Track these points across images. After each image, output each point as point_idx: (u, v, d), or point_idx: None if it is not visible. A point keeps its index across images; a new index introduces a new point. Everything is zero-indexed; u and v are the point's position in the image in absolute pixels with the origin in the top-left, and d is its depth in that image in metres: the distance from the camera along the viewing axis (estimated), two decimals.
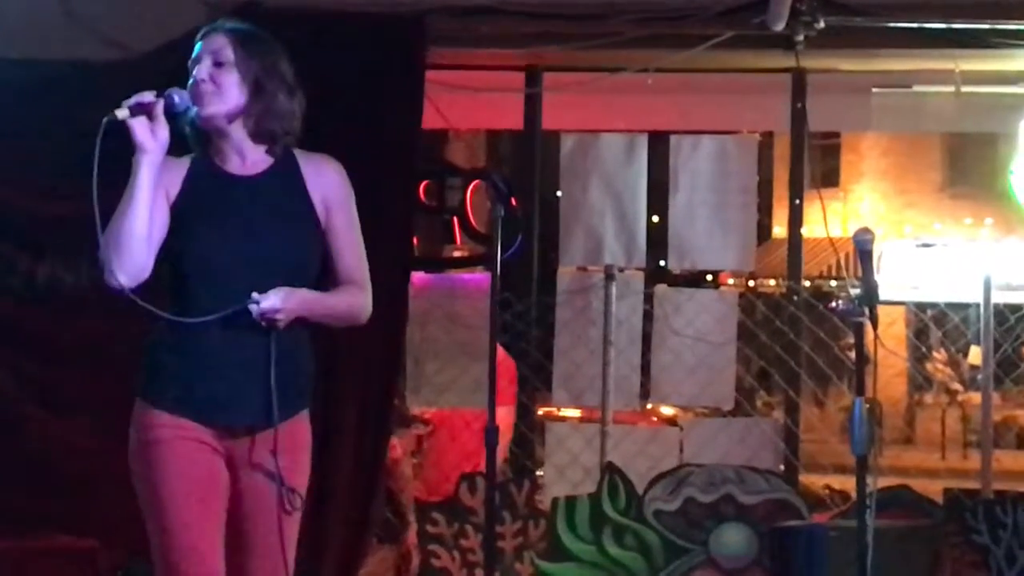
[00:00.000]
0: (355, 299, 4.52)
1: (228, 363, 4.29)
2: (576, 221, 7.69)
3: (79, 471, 6.16)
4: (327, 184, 4.49)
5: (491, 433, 4.85)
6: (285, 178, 4.47)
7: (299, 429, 4.45)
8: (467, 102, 7.69)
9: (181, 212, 4.37)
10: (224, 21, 4.54)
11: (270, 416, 4.29)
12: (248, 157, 4.44)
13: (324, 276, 4.46)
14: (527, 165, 8.12)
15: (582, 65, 7.63)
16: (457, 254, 8.44)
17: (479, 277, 7.71)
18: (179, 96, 4.32)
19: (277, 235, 4.38)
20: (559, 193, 7.82)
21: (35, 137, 6.60)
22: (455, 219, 8.07)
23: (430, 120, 7.24)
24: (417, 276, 7.42)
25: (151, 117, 4.26)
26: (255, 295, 4.19)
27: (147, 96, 4.26)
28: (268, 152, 4.45)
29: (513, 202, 5.08)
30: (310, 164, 4.51)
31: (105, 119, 4.19)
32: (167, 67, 5.17)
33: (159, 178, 4.33)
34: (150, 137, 4.25)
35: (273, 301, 4.21)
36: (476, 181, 8.01)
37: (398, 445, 7.39)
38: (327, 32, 6.92)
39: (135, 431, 4.35)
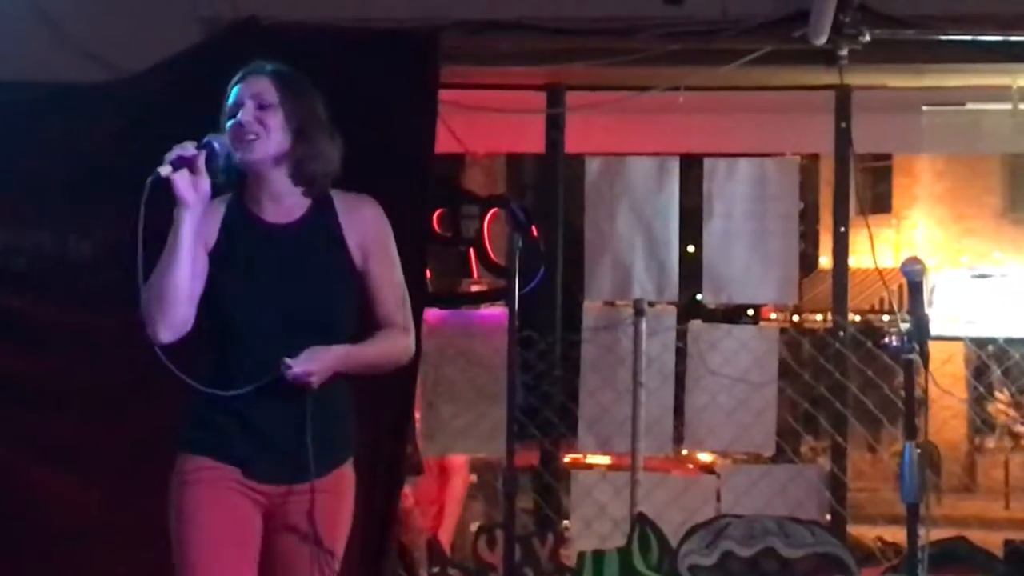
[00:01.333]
0: (395, 344, 4.69)
1: (265, 421, 4.49)
2: (603, 252, 7.70)
3: (73, 529, 6.17)
4: (363, 227, 4.66)
5: (511, 482, 4.86)
6: (320, 225, 4.63)
7: (341, 477, 4.64)
8: (484, 124, 7.70)
9: (217, 261, 4.54)
10: (264, 63, 4.70)
11: (307, 473, 4.45)
12: (284, 202, 4.60)
13: (362, 320, 4.62)
14: (549, 191, 8.13)
15: (608, 83, 7.64)
16: (474, 288, 8.46)
17: (498, 313, 7.71)
18: (219, 143, 4.48)
19: (311, 289, 4.55)
20: (584, 222, 7.81)
21: (21, 160, 6.64)
22: (472, 250, 8.09)
23: (444, 144, 7.25)
24: (431, 312, 7.42)
25: (193, 170, 4.40)
26: (287, 360, 4.35)
27: (189, 149, 4.41)
28: (305, 194, 4.61)
29: (534, 232, 5.13)
30: (346, 206, 4.69)
31: (150, 179, 4.33)
32: (160, 86, 5.22)
33: (199, 229, 4.49)
34: (192, 191, 4.41)
35: (305, 365, 4.39)
36: (494, 209, 8.04)
37: (410, 494, 7.40)
38: (330, 49, 6.92)
39: (174, 479, 4.54)
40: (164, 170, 4.37)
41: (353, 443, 4.73)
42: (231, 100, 4.61)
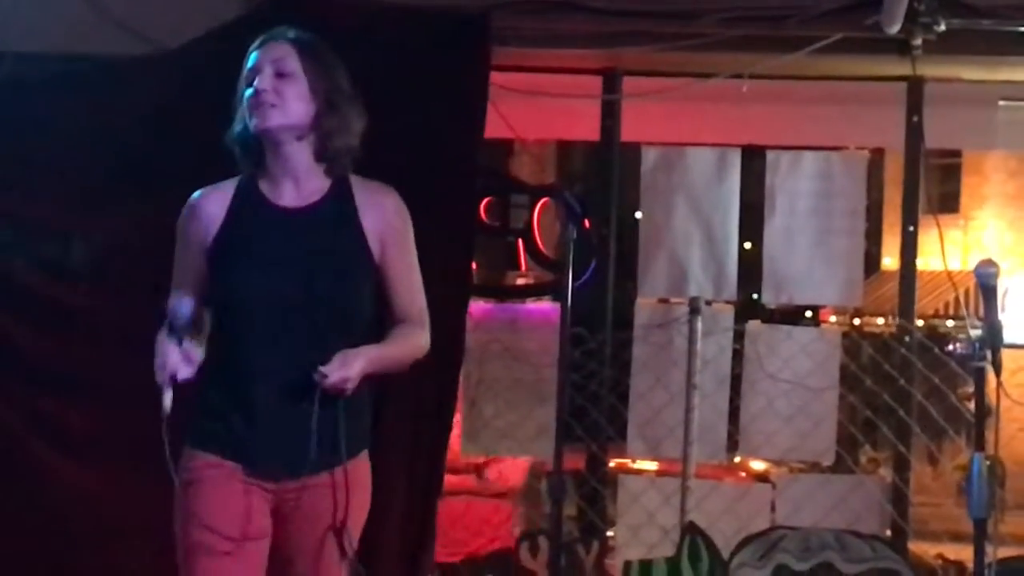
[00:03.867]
0: (413, 340, 4.68)
1: (281, 415, 4.42)
2: (658, 246, 7.70)
3: (101, 523, 6.20)
4: (383, 217, 4.59)
5: (558, 486, 4.87)
6: (337, 212, 4.57)
7: (359, 467, 4.61)
8: (536, 109, 7.68)
9: (223, 249, 4.49)
10: (286, 29, 4.64)
11: (326, 463, 4.44)
12: (303, 184, 4.55)
13: (379, 308, 4.59)
14: (603, 181, 8.14)
15: (667, 69, 7.63)
16: (522, 281, 8.47)
17: (546, 308, 7.73)
18: (247, 108, 4.46)
19: (327, 278, 4.48)
20: (639, 214, 7.82)
21: (61, 140, 6.68)
22: (520, 241, 8.11)
23: (494, 129, 7.22)
24: (476, 306, 7.43)
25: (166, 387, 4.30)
26: (322, 369, 4.28)
27: (166, 395, 4.29)
28: (327, 172, 4.56)
29: (586, 223, 5.12)
30: (365, 194, 4.62)
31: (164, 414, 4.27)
32: (198, 61, 5.24)
33: (198, 234, 4.50)
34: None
35: (341, 373, 4.33)
36: (545, 199, 8.06)
37: None
38: (377, 27, 6.93)
39: (180, 474, 4.46)
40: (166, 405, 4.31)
41: (369, 437, 4.71)
42: (249, 66, 4.56)
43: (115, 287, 6.35)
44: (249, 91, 4.49)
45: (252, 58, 4.55)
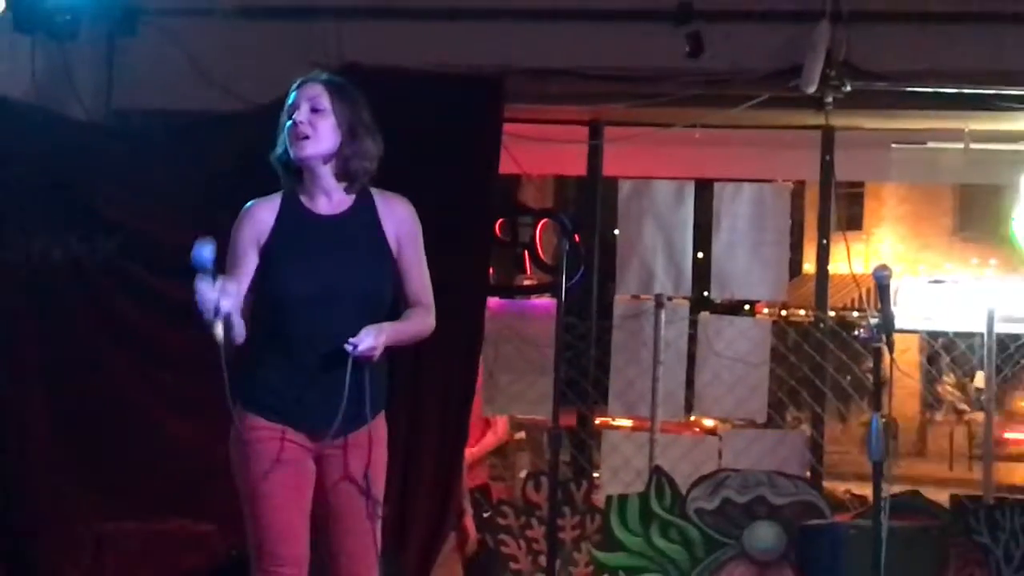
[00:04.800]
0: (424, 320, 4.52)
1: (322, 386, 4.29)
2: (631, 255, 7.67)
3: (198, 465, 6.19)
4: (400, 221, 4.49)
5: (556, 439, 4.87)
6: (364, 216, 4.47)
7: (380, 425, 4.46)
8: (538, 151, 7.68)
9: (274, 250, 4.39)
10: (319, 73, 4.56)
11: (360, 422, 4.33)
12: (333, 197, 4.45)
13: (396, 296, 4.49)
14: (589, 206, 8.13)
15: (639, 120, 7.61)
16: (527, 282, 8.44)
17: (546, 303, 7.71)
18: (287, 138, 4.35)
19: (358, 268, 4.40)
20: (616, 231, 7.79)
21: (168, 177, 6.66)
22: (526, 252, 8.07)
23: (505, 166, 7.21)
24: (492, 301, 7.39)
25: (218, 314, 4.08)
26: (352, 340, 4.18)
27: (217, 327, 4.10)
28: (347, 190, 4.45)
29: (577, 238, 5.10)
30: (385, 202, 4.51)
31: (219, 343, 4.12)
32: (277, 114, 5.21)
33: (252, 233, 4.40)
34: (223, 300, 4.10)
35: (369, 342, 4.21)
36: (545, 220, 8.03)
37: None
38: (419, 89, 6.92)
39: (235, 430, 4.36)
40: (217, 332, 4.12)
41: (386, 399, 4.52)
42: (289, 102, 4.46)
43: None
44: (289, 123, 4.40)
45: (292, 96, 4.47)
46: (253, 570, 4.39)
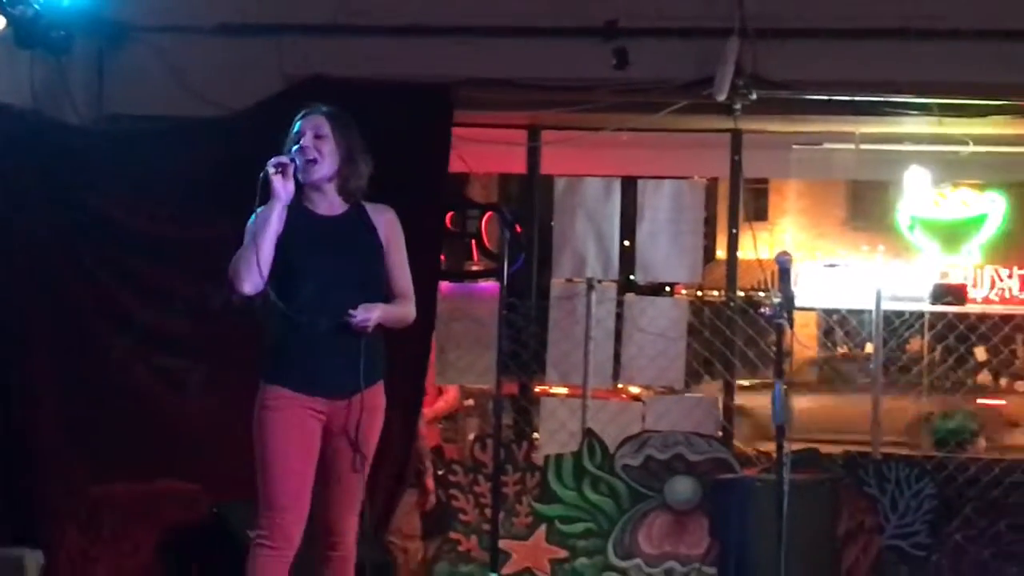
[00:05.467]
0: (408, 308, 4.78)
1: (330, 352, 4.52)
2: (565, 244, 7.67)
3: (191, 438, 6.14)
4: (388, 225, 4.73)
5: (499, 405, 4.86)
6: (358, 219, 4.69)
7: (378, 392, 4.68)
8: (483, 152, 7.67)
9: (287, 245, 4.55)
10: (321, 105, 4.74)
11: (359, 385, 4.53)
12: (333, 203, 4.67)
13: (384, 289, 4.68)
14: (528, 201, 8.15)
15: (572, 125, 7.62)
16: (474, 268, 8.45)
17: (491, 286, 7.70)
18: (299, 159, 4.55)
19: (355, 258, 4.62)
20: (552, 223, 7.80)
21: (153, 175, 6.59)
22: (473, 241, 8.09)
23: (454, 165, 7.21)
24: (444, 285, 7.38)
25: (284, 175, 4.47)
26: (351, 311, 4.45)
27: (285, 158, 4.49)
28: (344, 200, 4.67)
29: (517, 229, 5.11)
30: (374, 210, 4.74)
31: (261, 175, 4.41)
32: (255, 123, 5.21)
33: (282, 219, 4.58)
34: (283, 189, 4.48)
35: (365, 315, 4.47)
36: (489, 213, 8.04)
37: None
38: (377, 97, 6.86)
39: (259, 402, 4.55)
40: (270, 170, 4.44)
41: (383, 372, 4.72)
42: (295, 130, 4.64)
43: (196, 274, 6.30)
44: (296, 147, 4.56)
45: (298, 125, 4.65)
46: (260, 516, 4.57)
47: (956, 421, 8.57)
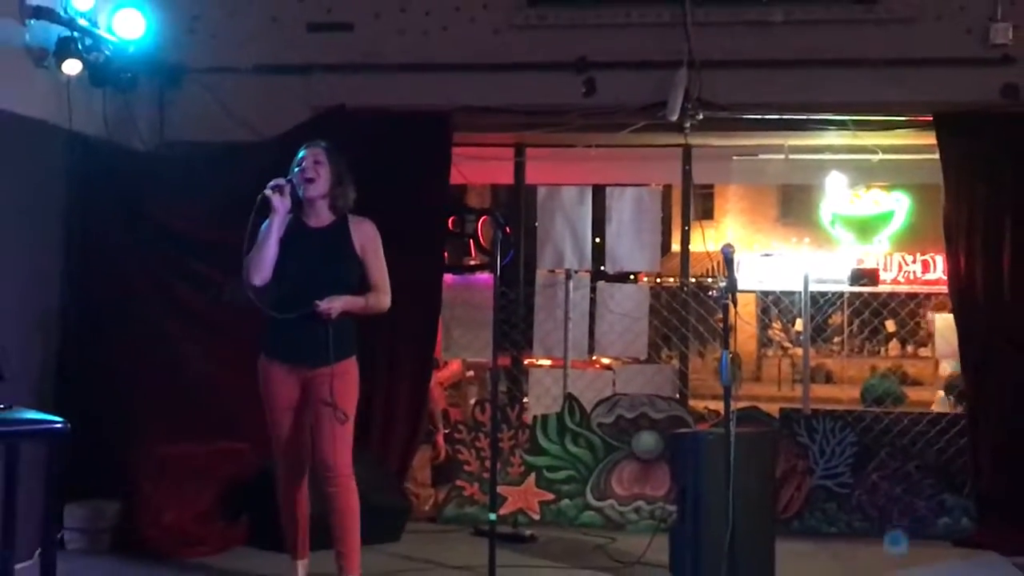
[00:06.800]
0: (379, 298, 5.05)
1: (304, 334, 4.86)
2: (548, 241, 7.67)
3: (235, 403, 6.14)
4: (364, 236, 5.04)
5: (494, 374, 4.85)
6: (340, 231, 5.02)
7: (349, 367, 4.96)
8: (478, 166, 7.66)
9: (284, 246, 4.92)
10: (319, 140, 5.09)
11: (327, 360, 4.83)
12: (322, 217, 5.01)
13: (363, 285, 5.00)
14: (516, 206, 8.11)
15: (551, 143, 7.61)
16: (472, 263, 8.44)
17: (486, 277, 7.71)
18: (296, 179, 4.92)
19: (332, 263, 4.94)
20: (536, 224, 7.79)
21: (206, 190, 6.58)
22: (471, 240, 8.11)
23: (455, 178, 7.21)
24: (447, 277, 7.38)
25: (282, 193, 4.86)
26: (317, 302, 4.79)
27: (282, 180, 4.88)
28: (333, 214, 5.01)
29: (508, 230, 5.09)
30: (355, 223, 5.06)
31: (260, 196, 4.81)
32: (286, 148, 5.20)
33: (281, 229, 4.92)
34: (281, 205, 4.87)
35: (326, 304, 4.82)
36: (484, 217, 8.05)
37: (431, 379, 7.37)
38: (389, 124, 6.90)
39: (259, 368, 5.01)
40: (268, 192, 4.81)
41: (355, 349, 4.98)
42: (299, 156, 5.00)
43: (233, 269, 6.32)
44: (297, 169, 4.97)
45: (302, 152, 5.03)
46: (272, 448, 5.08)
47: (886, 385, 8.57)
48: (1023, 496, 6.53)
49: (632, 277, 9.58)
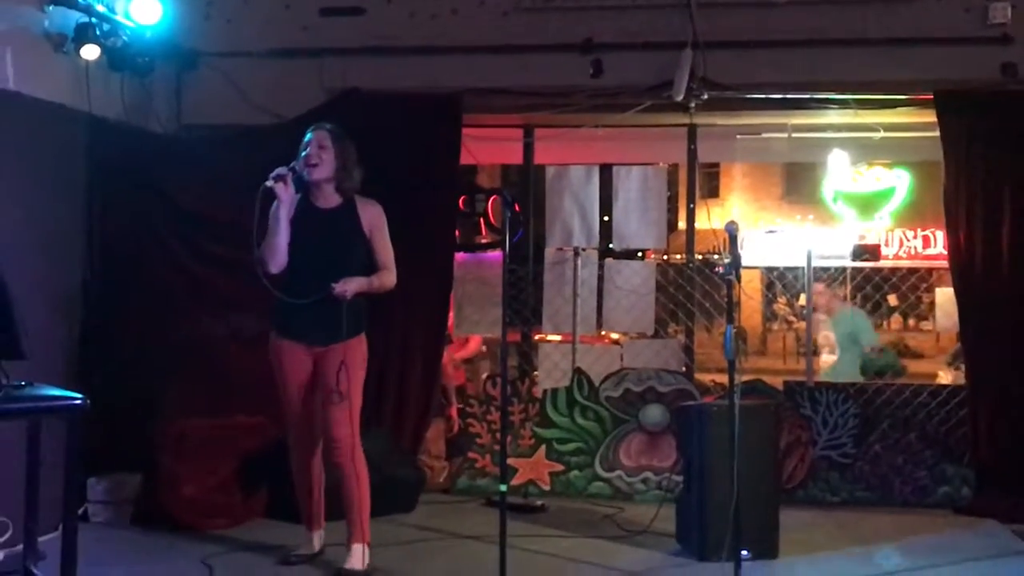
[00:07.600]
0: (386, 278, 5.11)
1: (318, 314, 4.91)
2: (556, 219, 7.64)
3: (253, 379, 6.15)
4: (371, 217, 5.08)
5: (504, 349, 4.84)
6: (348, 212, 5.06)
7: (359, 343, 5.03)
8: (488, 147, 7.61)
9: (295, 227, 4.97)
10: (324, 123, 5.11)
11: (339, 337, 4.92)
12: (330, 199, 5.05)
13: (370, 264, 5.06)
14: (525, 186, 8.09)
15: (559, 123, 7.55)
16: (483, 241, 8.42)
17: (496, 255, 7.70)
18: (298, 167, 4.96)
19: (341, 244, 4.98)
20: (545, 203, 7.76)
21: (222, 171, 6.56)
22: (481, 219, 8.08)
23: (465, 158, 7.16)
24: (459, 255, 7.36)
25: (285, 183, 4.89)
26: (333, 284, 4.84)
27: (283, 169, 4.89)
28: (340, 196, 5.05)
29: (517, 208, 5.14)
30: (363, 204, 5.10)
31: (262, 186, 4.83)
32: (302, 131, 5.18)
33: (289, 214, 4.97)
34: (285, 194, 4.91)
35: (343, 286, 4.88)
36: (494, 196, 8.03)
37: (446, 354, 7.38)
38: (401, 106, 6.87)
39: (270, 346, 5.06)
40: (269, 183, 4.83)
41: (364, 325, 5.04)
42: (305, 140, 5.02)
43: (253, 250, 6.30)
44: (304, 153, 5.00)
45: (307, 136, 5.05)
46: (284, 423, 5.19)
47: (886, 359, 8.55)
48: (1021, 465, 6.52)
49: (639, 254, 9.56)
